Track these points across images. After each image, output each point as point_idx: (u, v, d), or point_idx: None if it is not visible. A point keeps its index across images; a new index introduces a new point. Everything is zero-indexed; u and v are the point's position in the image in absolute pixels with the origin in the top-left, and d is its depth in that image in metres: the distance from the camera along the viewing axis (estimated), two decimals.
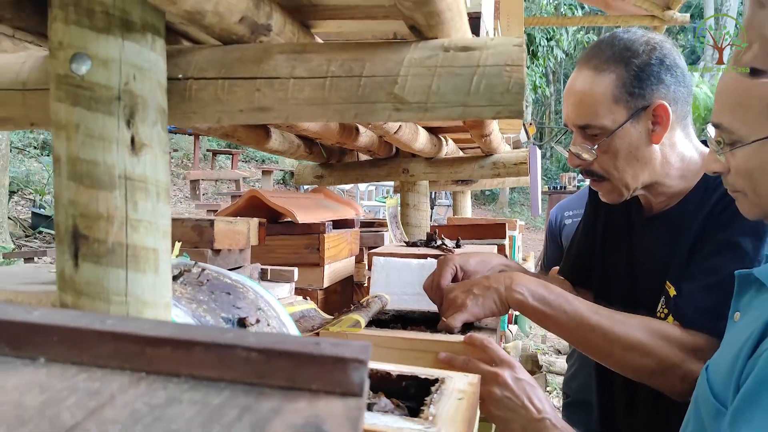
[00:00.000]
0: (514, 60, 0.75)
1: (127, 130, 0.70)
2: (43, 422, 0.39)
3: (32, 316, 0.51)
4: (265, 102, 0.78)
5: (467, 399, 0.89)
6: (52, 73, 0.69)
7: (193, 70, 0.79)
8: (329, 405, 0.44)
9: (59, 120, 0.69)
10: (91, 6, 0.67)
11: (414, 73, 0.76)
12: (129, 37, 0.69)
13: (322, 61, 0.77)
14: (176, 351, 0.48)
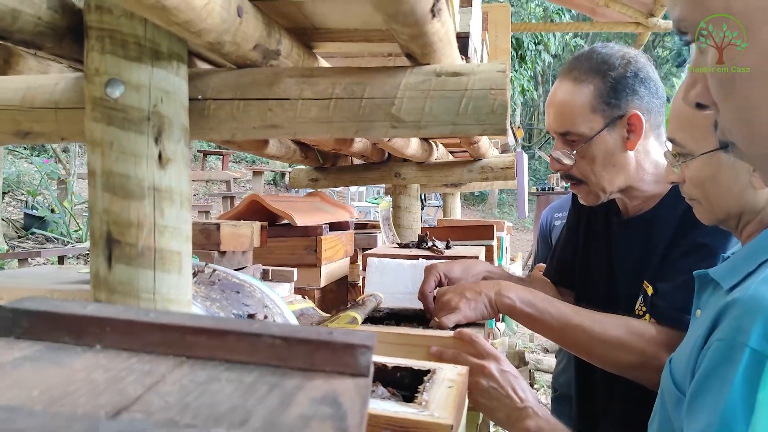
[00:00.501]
0: (498, 84, 0.85)
1: (155, 147, 0.79)
2: (114, 394, 0.48)
3: (86, 310, 0.60)
4: (276, 120, 0.88)
5: (456, 387, 0.98)
6: (89, 96, 0.78)
7: (211, 91, 0.88)
8: (342, 383, 0.53)
9: (95, 138, 0.78)
10: (125, 38, 0.76)
11: (409, 95, 0.85)
12: (158, 65, 0.78)
13: (328, 85, 0.87)
14: (212, 339, 0.57)
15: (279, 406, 0.47)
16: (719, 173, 0.94)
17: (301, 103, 0.87)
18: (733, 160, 0.89)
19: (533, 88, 12.06)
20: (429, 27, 0.76)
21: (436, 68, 0.87)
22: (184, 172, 0.83)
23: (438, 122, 0.86)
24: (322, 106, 0.87)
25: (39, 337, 0.58)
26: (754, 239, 0.92)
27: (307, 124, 0.88)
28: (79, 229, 7.34)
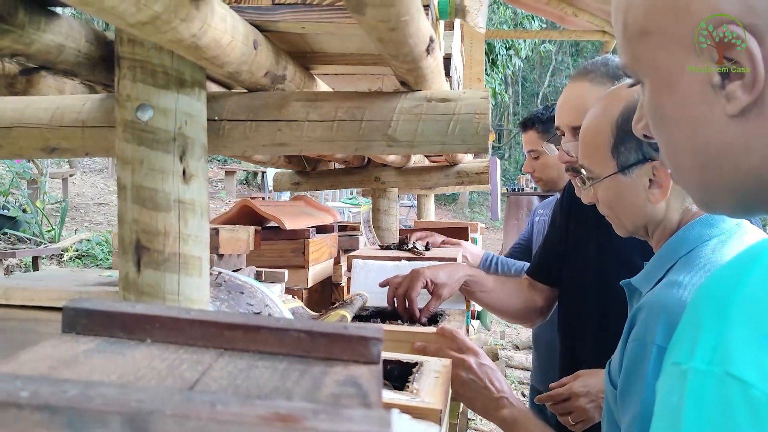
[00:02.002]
0: (481, 110, 0.96)
1: (180, 164, 0.89)
2: (176, 378, 0.58)
3: (136, 309, 0.70)
4: (284, 139, 0.98)
5: (442, 377, 1.10)
6: (120, 119, 0.88)
7: (227, 113, 0.98)
8: (359, 369, 0.65)
9: (125, 156, 0.88)
10: (155, 68, 0.86)
11: (404, 119, 0.97)
12: (182, 91, 0.88)
13: (331, 108, 0.97)
14: (247, 333, 0.68)
15: (312, 387, 0.57)
16: (621, 193, 1.06)
17: (307, 124, 0.98)
18: (631, 180, 1.02)
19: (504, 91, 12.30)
20: (423, 63, 0.88)
21: (427, 94, 0.98)
22: (204, 186, 0.93)
23: (429, 142, 0.98)
24: (326, 127, 0.98)
25: (96, 332, 0.68)
26: (662, 248, 1.05)
27: (312, 143, 0.99)
28: (52, 229, 7.29)
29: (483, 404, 1.19)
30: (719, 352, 0.41)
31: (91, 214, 9.13)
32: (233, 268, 1.57)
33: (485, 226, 5.06)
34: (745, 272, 0.43)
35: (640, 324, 0.95)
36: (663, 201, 1.02)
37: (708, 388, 0.41)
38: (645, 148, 1.00)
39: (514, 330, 6.62)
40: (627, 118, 1.00)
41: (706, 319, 0.43)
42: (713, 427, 0.40)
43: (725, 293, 0.43)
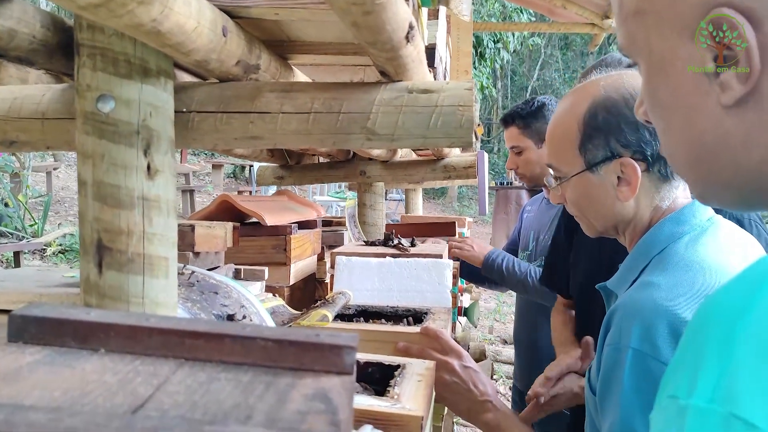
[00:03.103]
0: (465, 101, 0.91)
1: (144, 159, 0.83)
2: (127, 394, 0.53)
3: (90, 316, 0.65)
4: (257, 132, 0.93)
5: (425, 380, 1.05)
6: (80, 111, 0.82)
7: (195, 104, 0.92)
8: (330, 380, 0.60)
9: (86, 150, 0.82)
10: (116, 56, 0.80)
11: (383, 111, 0.92)
12: (146, 81, 0.83)
13: (307, 99, 0.92)
14: (210, 342, 0.63)
15: (276, 402, 0.52)
16: (589, 191, 1.03)
17: (281, 116, 0.92)
18: (599, 178, 0.99)
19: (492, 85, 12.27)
20: (403, 51, 0.82)
21: (408, 85, 0.93)
22: (171, 182, 0.87)
23: (410, 135, 0.93)
24: (302, 119, 0.92)
25: (46, 342, 0.63)
26: (634, 248, 1.02)
27: (287, 136, 0.93)
28: (35, 223, 7.18)
29: (466, 408, 1.15)
30: (723, 388, 0.36)
31: (76, 208, 9.01)
32: (210, 266, 1.51)
33: (473, 221, 5.02)
34: (753, 295, 0.38)
35: (615, 327, 0.92)
36: (632, 199, 0.99)
37: (709, 428, 0.36)
38: (613, 144, 0.96)
39: (502, 324, 6.60)
40: (593, 114, 0.97)
41: (709, 348, 0.38)
42: None
43: (731, 319, 0.38)
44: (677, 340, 0.83)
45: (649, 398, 0.85)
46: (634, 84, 0.98)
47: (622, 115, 0.95)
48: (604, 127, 0.96)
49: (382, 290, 1.80)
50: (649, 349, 0.85)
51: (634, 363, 0.86)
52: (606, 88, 0.98)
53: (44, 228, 7.19)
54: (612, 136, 0.96)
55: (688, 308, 0.86)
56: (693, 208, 1.00)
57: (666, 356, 0.84)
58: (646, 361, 0.85)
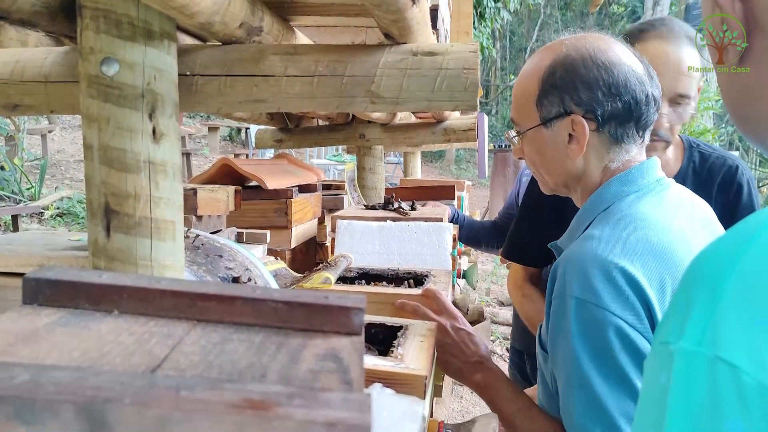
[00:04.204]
0: (470, 64, 0.91)
1: (150, 122, 0.83)
2: (143, 355, 0.54)
3: (102, 279, 0.66)
4: (261, 95, 0.93)
5: (427, 341, 1.07)
6: (84, 74, 0.82)
7: (199, 67, 0.92)
8: (340, 341, 0.61)
9: (91, 114, 0.82)
10: (119, 18, 0.79)
11: (388, 74, 0.91)
12: (150, 44, 0.82)
13: (311, 62, 0.92)
14: (221, 303, 0.64)
15: (289, 362, 0.54)
16: (543, 146, 1.05)
17: (285, 79, 0.92)
18: (552, 133, 1.01)
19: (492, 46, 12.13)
20: (408, 13, 0.82)
21: (412, 48, 0.93)
22: (176, 146, 0.87)
23: (414, 98, 0.93)
24: (306, 82, 0.92)
25: (61, 304, 0.64)
26: (583, 206, 1.06)
27: (291, 99, 0.93)
28: (32, 186, 7.16)
29: (457, 368, 1.18)
30: (709, 333, 0.39)
31: (72, 171, 8.97)
32: (212, 230, 1.52)
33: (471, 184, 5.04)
34: (741, 249, 0.40)
35: (558, 280, 0.96)
36: (581, 157, 1.03)
37: (696, 370, 0.38)
38: (566, 101, 0.98)
39: (499, 287, 6.66)
40: (552, 72, 0.99)
41: (698, 297, 0.40)
42: (699, 411, 0.38)
43: (719, 270, 0.40)
44: (614, 286, 0.89)
45: (595, 342, 0.89)
46: (595, 45, 1.00)
47: (578, 73, 0.97)
48: (560, 84, 0.98)
49: (382, 253, 1.81)
50: (590, 296, 0.89)
51: (577, 310, 0.90)
52: (568, 47, 1.00)
53: (41, 191, 7.17)
54: (566, 93, 0.98)
55: (625, 258, 0.90)
56: (642, 169, 1.03)
57: (606, 301, 0.88)
58: (587, 307, 0.89)
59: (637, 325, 0.87)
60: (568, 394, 0.94)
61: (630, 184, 1.02)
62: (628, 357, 0.87)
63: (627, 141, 1.01)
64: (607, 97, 0.97)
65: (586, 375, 0.89)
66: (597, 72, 0.97)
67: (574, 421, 0.92)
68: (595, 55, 0.98)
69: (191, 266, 1.05)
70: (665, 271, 0.90)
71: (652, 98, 0.99)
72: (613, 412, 0.87)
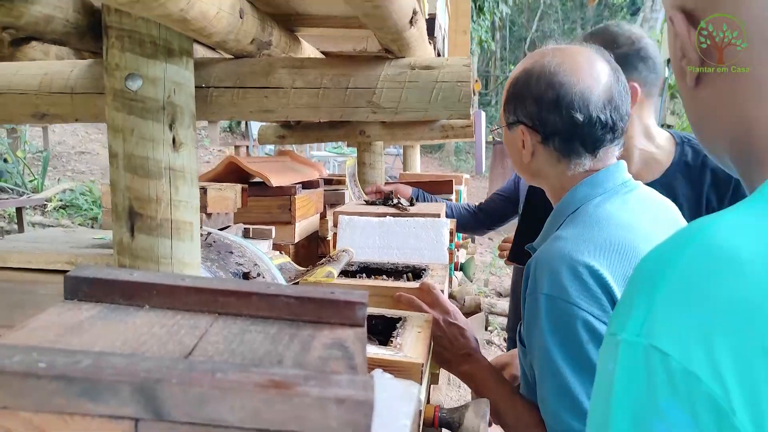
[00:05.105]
0: (463, 77, 0.99)
1: (170, 132, 0.91)
2: (176, 344, 0.62)
3: (134, 277, 0.74)
4: (271, 106, 1.01)
5: (424, 332, 1.15)
6: (109, 88, 0.89)
7: (214, 80, 1.00)
8: (345, 332, 0.69)
9: (116, 125, 0.90)
10: (142, 37, 0.87)
11: (388, 86, 0.99)
12: (170, 61, 0.90)
13: (317, 75, 1.00)
14: (240, 299, 0.72)
15: (301, 350, 0.62)
16: (509, 144, 1.14)
17: (293, 91, 1.00)
18: (513, 136, 1.10)
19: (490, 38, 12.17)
20: (407, 33, 0.90)
21: (410, 62, 1.01)
22: (193, 153, 0.95)
23: (412, 109, 1.00)
24: (312, 94, 1.00)
25: (98, 299, 0.72)
26: (553, 210, 1.14)
27: (298, 110, 1.01)
28: (35, 179, 7.23)
29: (447, 359, 1.26)
30: (646, 326, 0.46)
31: (73, 163, 9.04)
32: (221, 226, 1.60)
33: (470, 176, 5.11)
34: (677, 252, 0.48)
35: (531, 278, 1.03)
36: (533, 162, 1.10)
37: (635, 357, 0.46)
38: (518, 112, 1.06)
39: (497, 278, 6.75)
40: (518, 80, 1.07)
41: (639, 294, 0.48)
42: (638, 393, 0.46)
43: (657, 272, 0.48)
44: (581, 282, 0.96)
45: (564, 335, 0.97)
46: (553, 61, 1.05)
47: (530, 88, 1.04)
48: (517, 94, 1.06)
49: (382, 248, 1.89)
50: (559, 292, 0.97)
51: (547, 306, 0.98)
52: (533, 61, 1.08)
53: (44, 183, 7.24)
54: (519, 104, 1.06)
55: (591, 256, 0.97)
56: (607, 173, 1.10)
57: (573, 297, 0.96)
58: (556, 303, 0.97)
59: (603, 318, 0.95)
60: (543, 382, 1.02)
61: (597, 186, 1.09)
62: (595, 348, 0.95)
63: (574, 156, 1.07)
64: (549, 114, 1.04)
65: (557, 365, 0.97)
66: (544, 90, 1.03)
67: (549, 407, 1.01)
68: (550, 73, 1.04)
69: (205, 262, 1.13)
70: (629, 267, 0.97)
71: (597, 121, 1.03)
72: (581, 398, 0.95)
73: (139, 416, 0.44)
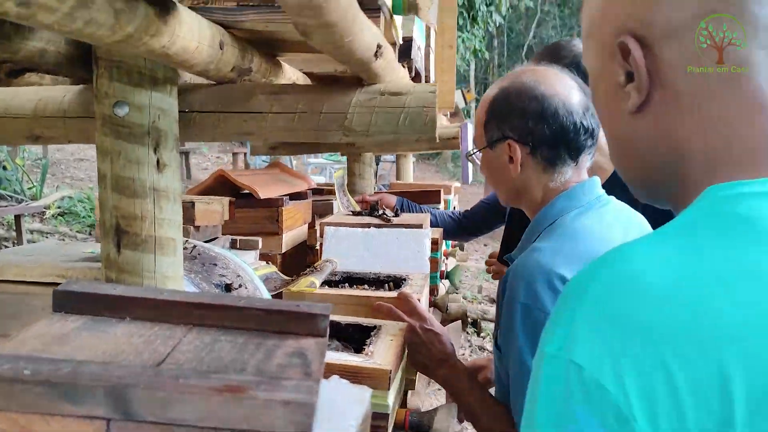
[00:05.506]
0: (429, 103, 1.06)
1: (154, 155, 0.98)
2: (150, 352, 0.69)
3: (117, 291, 0.81)
4: (250, 129, 1.08)
5: (396, 340, 1.22)
6: (99, 114, 0.97)
7: (197, 105, 1.07)
8: (307, 341, 0.76)
9: (105, 148, 0.97)
10: (129, 68, 0.94)
11: (359, 111, 1.06)
12: (155, 89, 0.97)
13: (293, 101, 1.07)
14: (213, 311, 0.79)
15: (264, 358, 0.69)
16: (491, 164, 1.21)
17: (270, 115, 1.07)
18: (496, 154, 1.16)
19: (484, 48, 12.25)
20: (373, 65, 0.97)
21: (380, 88, 1.08)
22: (177, 174, 1.02)
23: (382, 132, 1.08)
24: (288, 118, 1.07)
25: (84, 312, 0.79)
26: (532, 222, 1.21)
27: (275, 132, 1.08)
28: (33, 186, 7.30)
29: (423, 364, 1.32)
30: (567, 341, 0.53)
31: (72, 170, 9.12)
32: (209, 238, 1.68)
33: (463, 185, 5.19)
34: (593, 278, 0.55)
35: (508, 288, 1.09)
36: (520, 176, 1.16)
37: (556, 369, 0.53)
38: (504, 128, 1.13)
39: (491, 284, 6.82)
40: (496, 100, 1.14)
41: (562, 314, 0.55)
42: (558, 400, 0.52)
43: (576, 295, 0.55)
44: (555, 292, 1.02)
45: (537, 341, 1.03)
46: (534, 79, 1.13)
47: (512, 104, 1.12)
48: (499, 112, 1.13)
49: (366, 258, 1.96)
50: (533, 301, 1.03)
51: (523, 314, 1.04)
52: (510, 80, 1.15)
53: (43, 191, 7.31)
54: (503, 121, 1.13)
55: (565, 267, 1.03)
56: (583, 187, 1.17)
57: (547, 305, 1.02)
58: (531, 311, 1.03)
59: None
60: (516, 387, 1.09)
61: (572, 200, 1.16)
62: None
63: (560, 164, 1.15)
64: (537, 125, 1.11)
65: (530, 369, 1.04)
66: (528, 102, 1.11)
67: (518, 407, 1.07)
68: (531, 88, 1.12)
69: (189, 275, 1.21)
70: None
71: (581, 127, 1.12)
72: None
73: (110, 416, 0.51)
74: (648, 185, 0.70)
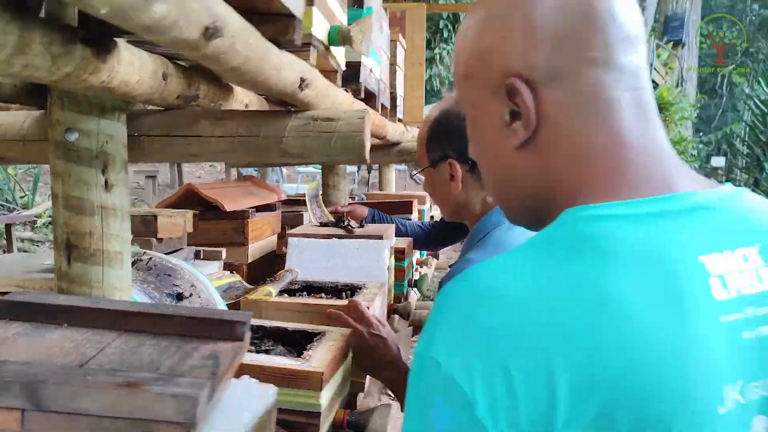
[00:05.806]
0: (358, 128, 1.16)
1: (102, 177, 1.08)
2: (78, 355, 0.79)
3: (58, 300, 0.91)
4: (195, 151, 1.18)
5: (336, 345, 1.32)
6: (52, 139, 1.07)
7: (145, 129, 1.17)
8: (225, 345, 0.86)
9: (57, 170, 1.07)
10: (79, 98, 1.04)
11: (293, 135, 1.16)
12: (103, 116, 1.07)
13: (233, 126, 1.17)
14: (143, 318, 0.89)
15: (179, 360, 0.79)
16: (433, 183, 1.32)
17: (213, 139, 1.17)
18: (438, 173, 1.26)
19: None
20: (300, 96, 1.07)
21: (313, 114, 1.18)
22: (125, 193, 1.12)
23: (316, 154, 1.18)
24: (229, 141, 1.17)
25: (26, 319, 0.89)
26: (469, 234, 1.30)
27: (218, 154, 1.18)
28: (25, 195, 7.40)
29: (370, 366, 1.42)
30: (430, 341, 0.62)
31: None
32: (174, 249, 1.77)
33: None
34: (456, 288, 0.65)
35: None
36: (460, 192, 1.26)
37: (422, 364, 0.62)
38: (444, 148, 1.23)
39: None
40: (438, 122, 1.24)
41: (431, 318, 0.65)
42: (422, 392, 0.62)
43: (443, 302, 0.65)
44: None
45: None
46: None
47: (452, 125, 1.22)
48: (440, 133, 1.24)
49: (329, 268, 2.05)
50: None
51: None
52: (450, 102, 1.25)
53: (34, 199, 7.40)
54: (444, 141, 1.23)
55: None
56: None
57: None
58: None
59: None
60: None
61: None
62: None
63: None
64: None
65: None
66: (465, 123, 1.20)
67: None
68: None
69: (143, 285, 1.30)
70: None
71: None
72: None
73: (24, 407, 0.61)
74: (525, 212, 0.79)
